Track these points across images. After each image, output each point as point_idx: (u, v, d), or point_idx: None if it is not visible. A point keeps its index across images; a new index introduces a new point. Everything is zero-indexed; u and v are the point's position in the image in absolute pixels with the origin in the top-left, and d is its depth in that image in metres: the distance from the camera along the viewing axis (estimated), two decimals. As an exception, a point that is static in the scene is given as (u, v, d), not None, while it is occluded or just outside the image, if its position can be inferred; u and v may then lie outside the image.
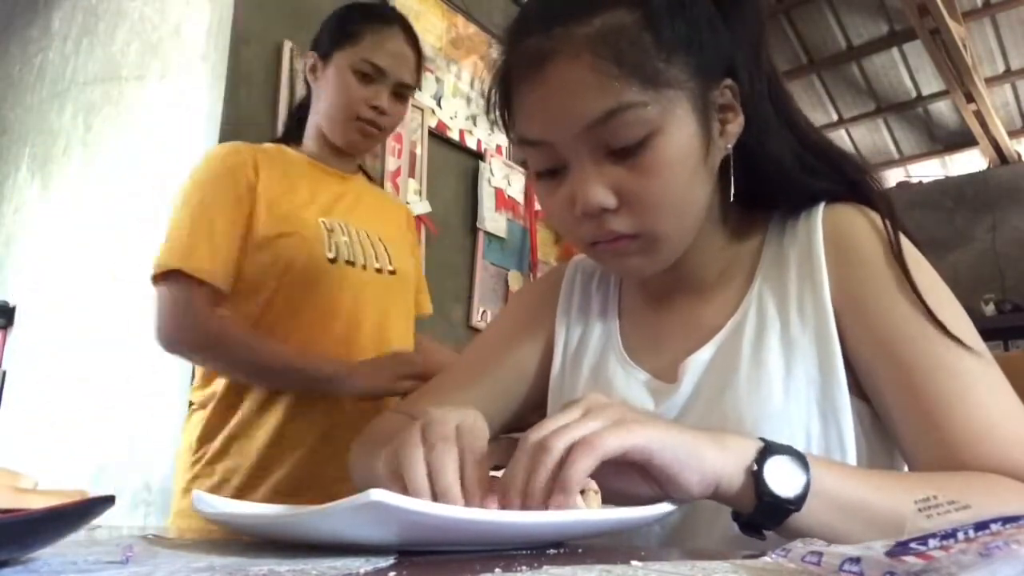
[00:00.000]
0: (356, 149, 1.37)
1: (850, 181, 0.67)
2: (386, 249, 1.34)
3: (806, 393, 0.61)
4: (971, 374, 0.57)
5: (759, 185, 0.68)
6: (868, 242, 0.63)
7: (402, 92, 1.34)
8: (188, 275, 1.15)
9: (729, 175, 0.66)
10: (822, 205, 0.67)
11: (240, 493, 1.17)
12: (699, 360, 0.66)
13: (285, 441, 1.20)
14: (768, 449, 0.50)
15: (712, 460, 0.50)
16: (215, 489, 1.18)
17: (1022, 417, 0.56)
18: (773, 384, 0.61)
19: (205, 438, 1.22)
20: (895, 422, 0.60)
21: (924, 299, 0.59)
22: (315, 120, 1.36)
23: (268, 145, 1.36)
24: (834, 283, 0.63)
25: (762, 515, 0.50)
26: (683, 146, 0.59)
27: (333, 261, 1.24)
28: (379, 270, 1.31)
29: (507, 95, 0.65)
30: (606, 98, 0.57)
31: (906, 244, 0.62)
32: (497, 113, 0.67)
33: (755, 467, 0.50)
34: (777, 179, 0.66)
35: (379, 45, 1.30)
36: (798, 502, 0.49)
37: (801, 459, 0.50)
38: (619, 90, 0.57)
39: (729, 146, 0.64)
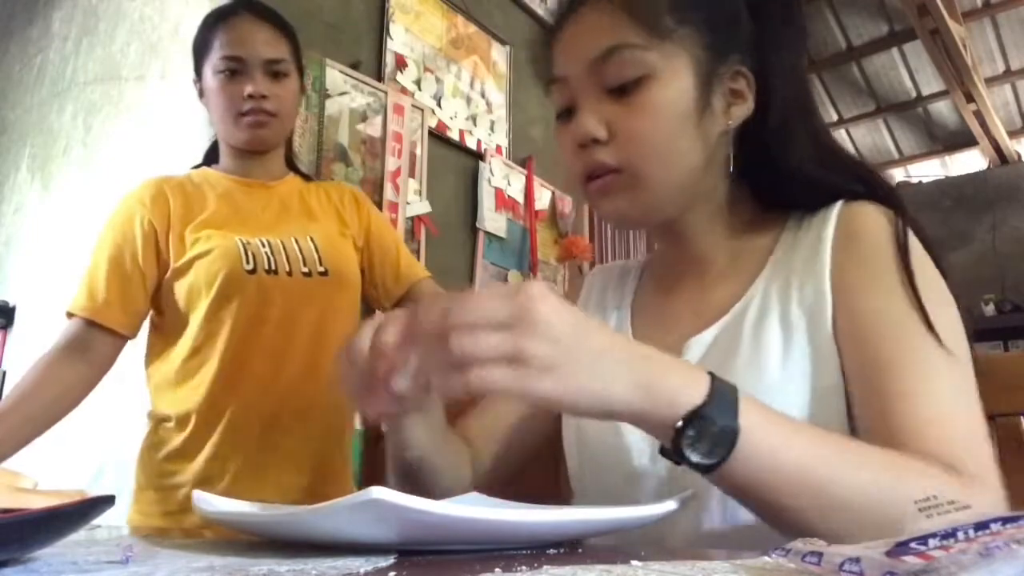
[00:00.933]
0: (259, 145, 1.33)
1: (872, 188, 0.68)
2: (316, 250, 1.30)
3: (801, 371, 0.62)
4: (936, 372, 0.57)
5: (780, 186, 0.70)
6: (876, 233, 0.64)
7: (277, 70, 1.30)
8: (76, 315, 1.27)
9: (745, 164, 0.70)
10: (840, 202, 0.68)
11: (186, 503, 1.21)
12: (702, 340, 0.68)
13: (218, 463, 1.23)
14: (699, 414, 0.48)
15: (627, 405, 0.48)
16: (166, 495, 1.25)
17: (972, 420, 0.56)
18: (770, 362, 0.63)
19: (154, 449, 1.30)
20: (855, 405, 0.60)
21: (917, 294, 0.59)
22: (220, 138, 1.38)
23: (192, 172, 1.39)
24: (835, 267, 0.64)
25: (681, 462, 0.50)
26: (675, 98, 0.64)
27: (252, 272, 1.25)
28: (307, 273, 1.29)
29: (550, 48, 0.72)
30: (610, 38, 0.64)
31: (915, 245, 0.63)
32: (543, 68, 0.73)
33: (679, 424, 0.48)
34: (799, 182, 0.68)
35: (228, 37, 1.29)
36: (716, 467, 0.48)
37: (731, 424, 0.48)
38: (623, 34, 0.64)
39: (730, 124, 0.67)
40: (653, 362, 0.49)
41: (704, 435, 0.48)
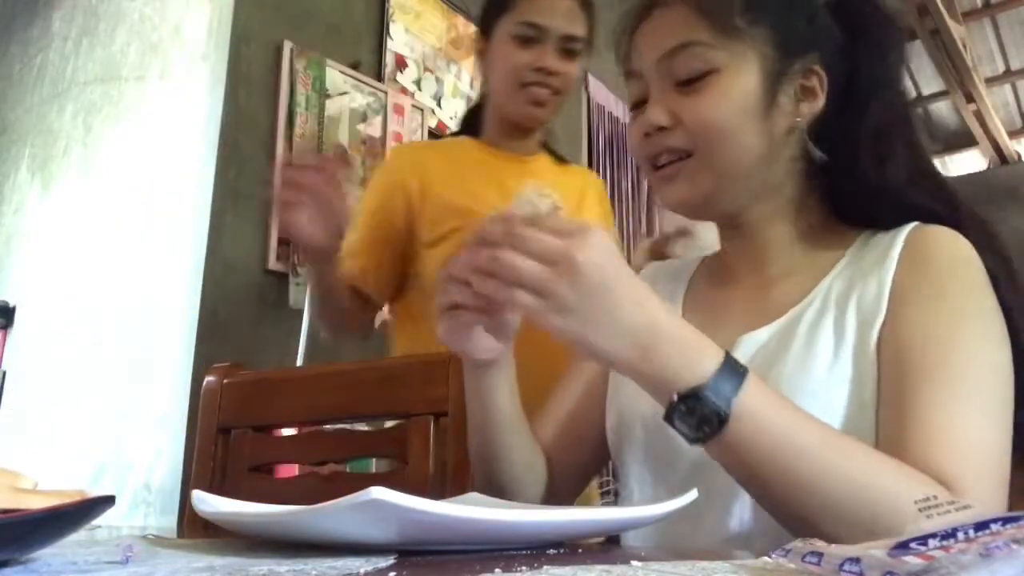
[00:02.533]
0: (533, 120, 1.28)
1: (959, 218, 0.67)
2: None
3: (846, 379, 0.62)
4: (962, 393, 0.56)
5: (863, 200, 0.69)
6: (946, 257, 0.64)
7: (570, 48, 1.24)
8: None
9: (830, 172, 0.70)
10: (915, 223, 0.67)
11: None
12: (755, 339, 0.68)
13: None
14: (693, 394, 0.51)
15: (628, 369, 0.53)
16: None
17: (987, 445, 0.55)
18: (818, 366, 0.63)
19: None
20: (878, 410, 0.60)
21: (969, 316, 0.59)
22: (490, 103, 1.32)
23: (447, 139, 1.34)
24: (897, 282, 0.63)
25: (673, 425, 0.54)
26: (739, 91, 0.66)
27: None
28: None
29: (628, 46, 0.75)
30: (681, 36, 0.68)
31: (983, 276, 0.62)
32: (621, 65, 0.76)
33: (674, 398, 0.52)
34: (884, 200, 0.68)
35: (534, 2, 1.23)
36: (701, 442, 0.53)
37: (723, 410, 0.51)
38: (693, 32, 0.67)
39: (798, 120, 0.68)
40: (664, 338, 0.53)
41: (693, 413, 0.52)
